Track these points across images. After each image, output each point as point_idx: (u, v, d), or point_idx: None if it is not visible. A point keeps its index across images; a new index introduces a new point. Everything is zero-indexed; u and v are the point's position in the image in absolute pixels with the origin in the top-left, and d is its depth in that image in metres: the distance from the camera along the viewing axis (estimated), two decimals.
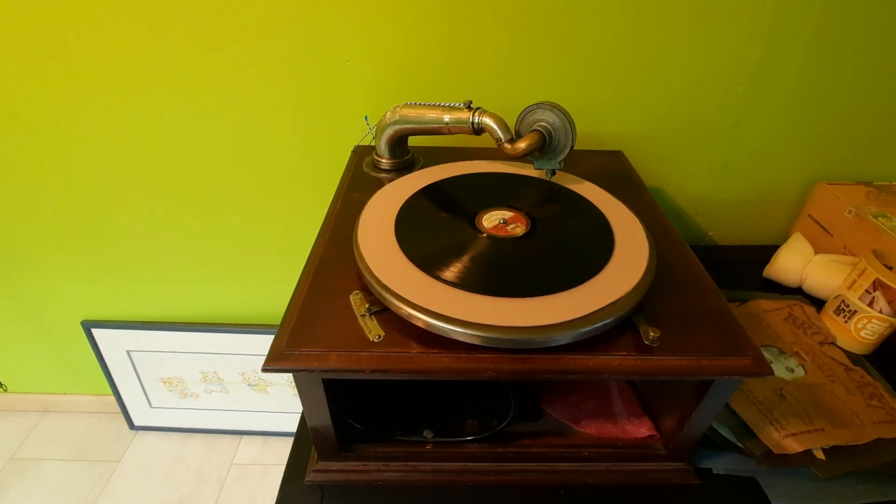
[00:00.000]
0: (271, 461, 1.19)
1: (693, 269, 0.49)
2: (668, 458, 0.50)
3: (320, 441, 0.48)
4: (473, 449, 0.51)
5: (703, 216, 0.88)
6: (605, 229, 0.51)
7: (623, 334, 0.41)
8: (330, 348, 0.39)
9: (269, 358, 0.39)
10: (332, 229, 0.53)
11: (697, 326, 0.42)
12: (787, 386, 0.58)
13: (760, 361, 0.39)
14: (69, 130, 0.79)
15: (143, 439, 1.23)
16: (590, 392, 0.56)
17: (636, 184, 0.65)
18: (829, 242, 0.79)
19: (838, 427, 0.54)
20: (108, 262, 0.96)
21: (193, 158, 0.82)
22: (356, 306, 0.43)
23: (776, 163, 0.81)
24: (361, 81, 0.73)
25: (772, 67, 0.71)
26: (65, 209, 0.88)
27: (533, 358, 0.39)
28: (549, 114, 0.55)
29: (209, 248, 0.94)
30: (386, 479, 0.50)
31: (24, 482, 1.14)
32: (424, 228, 0.50)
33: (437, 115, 0.58)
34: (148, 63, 0.71)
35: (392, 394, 0.55)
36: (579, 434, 0.53)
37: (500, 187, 0.59)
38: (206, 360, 1.10)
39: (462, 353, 0.39)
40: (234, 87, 0.74)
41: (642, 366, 0.39)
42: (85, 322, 1.04)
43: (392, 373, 0.39)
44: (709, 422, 0.46)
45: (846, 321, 0.64)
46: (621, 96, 0.75)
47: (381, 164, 0.65)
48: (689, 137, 0.79)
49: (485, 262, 0.45)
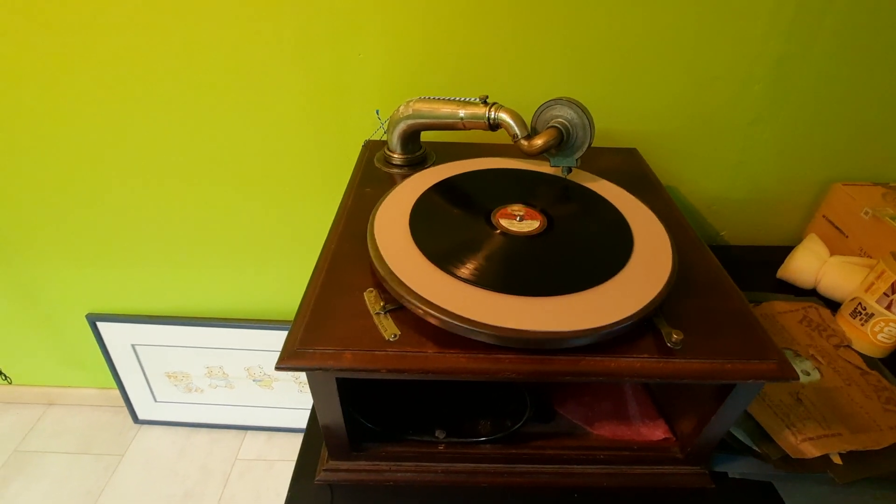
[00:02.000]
0: (276, 456, 1.18)
1: (713, 270, 0.48)
2: (684, 462, 0.49)
3: (331, 440, 0.47)
4: (486, 450, 0.50)
5: (715, 215, 0.87)
6: (623, 228, 0.50)
7: (644, 336, 0.40)
8: (344, 347, 0.38)
9: (282, 356, 0.38)
10: (345, 224, 0.52)
11: (719, 328, 0.41)
12: (803, 389, 0.58)
13: (785, 365, 0.38)
14: (77, 126, 0.78)
15: (148, 433, 1.23)
16: (604, 393, 0.55)
17: (652, 182, 0.64)
18: (844, 244, 0.78)
19: (855, 432, 0.53)
20: (113, 255, 0.96)
21: (201, 152, 0.81)
22: (371, 304, 0.42)
23: (792, 162, 0.80)
24: (373, 75, 0.72)
25: (791, 64, 0.70)
26: (71, 202, 0.88)
27: (552, 359, 0.38)
28: (567, 110, 0.54)
29: (215, 242, 0.93)
30: (397, 479, 0.49)
31: (28, 475, 1.13)
32: (440, 225, 0.49)
33: (452, 110, 0.57)
34: (156, 57, 0.71)
35: (404, 393, 0.54)
36: (593, 436, 0.52)
37: (515, 184, 0.58)
38: (211, 355, 1.09)
39: (480, 354, 0.38)
40: (243, 79, 0.73)
41: (665, 369, 0.38)
42: (90, 315, 1.04)
43: (408, 373, 0.38)
44: (728, 426, 0.46)
45: (863, 324, 0.63)
46: (636, 92, 0.73)
47: (394, 159, 0.64)
48: (703, 135, 0.77)
49: (502, 260, 0.45)
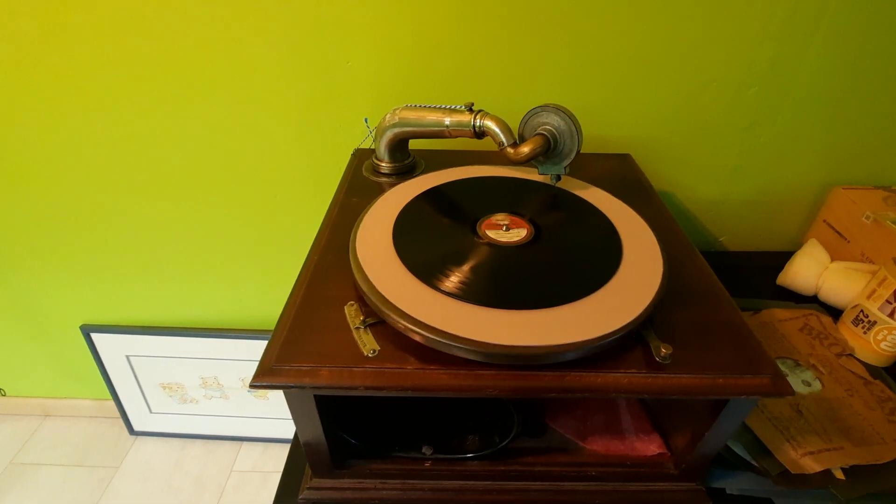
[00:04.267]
0: (271, 468, 1.17)
1: (706, 279, 0.47)
2: (679, 478, 0.48)
3: (313, 457, 0.46)
4: (474, 466, 0.48)
5: (713, 221, 0.85)
6: (612, 237, 0.49)
7: (632, 349, 0.39)
8: (322, 363, 0.37)
9: (257, 373, 0.37)
10: (329, 235, 0.51)
11: (711, 341, 0.40)
12: (803, 401, 0.56)
13: (779, 380, 0.37)
14: (69, 139, 0.77)
15: (143, 445, 1.22)
16: (597, 407, 0.54)
17: (645, 188, 0.63)
18: (845, 249, 0.76)
19: (858, 445, 0.51)
20: (107, 266, 0.95)
21: (193, 163, 0.80)
22: (351, 318, 0.41)
23: (790, 166, 0.79)
24: (362, 82, 0.71)
25: (787, 67, 0.69)
26: (64, 213, 0.87)
27: (536, 375, 0.37)
28: (553, 117, 0.53)
29: (208, 252, 0.93)
30: (383, 497, 0.47)
31: (24, 487, 1.13)
32: (424, 236, 0.48)
33: (438, 118, 0.56)
34: (146, 68, 0.70)
35: (389, 408, 0.53)
36: (586, 451, 0.50)
37: (503, 193, 0.56)
38: (205, 366, 1.08)
39: (461, 370, 0.37)
40: (233, 88, 0.72)
41: (653, 384, 0.37)
42: (84, 326, 1.03)
43: (387, 390, 0.37)
44: (723, 441, 0.44)
45: (865, 332, 0.61)
46: (629, 98, 0.72)
47: (381, 167, 0.63)
48: (699, 140, 0.76)
49: (486, 272, 0.43)
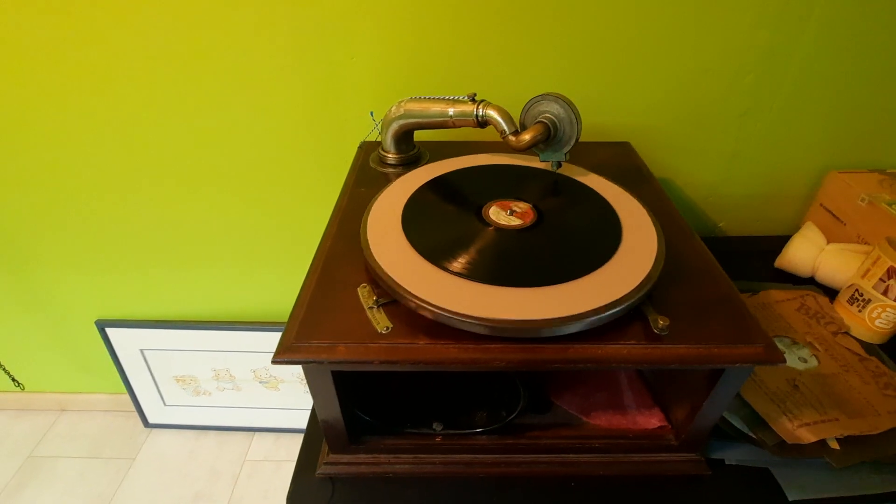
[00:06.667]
0: (283, 457, 1.20)
1: (703, 258, 0.49)
2: (680, 449, 0.50)
3: (331, 434, 0.48)
4: (483, 441, 0.51)
5: (712, 207, 0.87)
6: (611, 219, 0.51)
7: (632, 323, 0.41)
8: (338, 340, 0.39)
9: (278, 350, 0.39)
10: (340, 224, 0.53)
11: (707, 315, 0.42)
12: (800, 376, 0.58)
13: (772, 349, 0.39)
14: (81, 134, 0.79)
15: (158, 437, 1.25)
16: (599, 383, 0.56)
17: (644, 175, 0.65)
18: (842, 231, 0.77)
19: (853, 417, 0.53)
20: (120, 261, 0.98)
21: (203, 158, 0.82)
22: (364, 299, 0.43)
23: (786, 152, 0.80)
24: (367, 76, 0.73)
25: (781, 54, 0.70)
26: (78, 209, 0.89)
27: (541, 347, 0.39)
28: (553, 105, 0.55)
29: (219, 246, 0.95)
30: (396, 471, 0.50)
31: (42, 480, 1.16)
32: (431, 221, 0.50)
33: (442, 109, 0.58)
34: (154, 66, 0.72)
35: (401, 386, 0.55)
36: (589, 425, 0.53)
37: (506, 180, 0.58)
38: (218, 358, 1.11)
39: (470, 344, 0.39)
40: (240, 84, 0.74)
41: (651, 354, 0.39)
42: (99, 321, 1.06)
43: (400, 364, 0.39)
44: (720, 411, 0.46)
45: (860, 310, 0.63)
46: (627, 86, 0.74)
47: (388, 159, 0.65)
48: (696, 127, 0.78)
49: (492, 253, 0.45)
